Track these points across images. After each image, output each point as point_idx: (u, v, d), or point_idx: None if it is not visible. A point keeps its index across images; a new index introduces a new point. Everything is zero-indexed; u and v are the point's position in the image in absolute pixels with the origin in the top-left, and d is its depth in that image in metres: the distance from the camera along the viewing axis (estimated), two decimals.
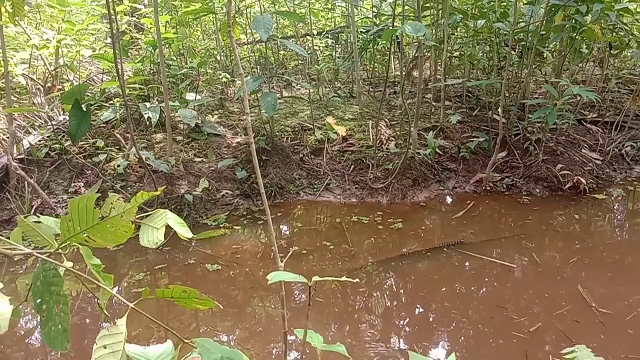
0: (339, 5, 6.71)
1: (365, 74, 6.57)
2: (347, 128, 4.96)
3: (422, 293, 3.03)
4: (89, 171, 4.27)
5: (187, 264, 3.38)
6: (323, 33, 6.88)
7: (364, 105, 5.46)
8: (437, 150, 4.67)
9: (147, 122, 4.63)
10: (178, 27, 5.43)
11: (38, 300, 0.84)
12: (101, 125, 4.77)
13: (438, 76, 5.51)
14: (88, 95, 4.52)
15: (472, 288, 3.03)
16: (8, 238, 0.98)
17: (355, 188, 4.51)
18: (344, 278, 1.32)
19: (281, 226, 4.06)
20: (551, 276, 3.10)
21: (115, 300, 2.54)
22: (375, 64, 6.40)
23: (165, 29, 5.27)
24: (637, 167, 4.95)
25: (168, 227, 1.03)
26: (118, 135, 4.63)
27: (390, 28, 4.15)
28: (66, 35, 4.88)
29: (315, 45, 6.43)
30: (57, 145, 4.40)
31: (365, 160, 4.67)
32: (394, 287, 3.14)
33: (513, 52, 4.92)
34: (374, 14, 5.97)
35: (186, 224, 1.09)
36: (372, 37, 5.49)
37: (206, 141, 4.80)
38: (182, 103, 4.79)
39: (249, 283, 3.13)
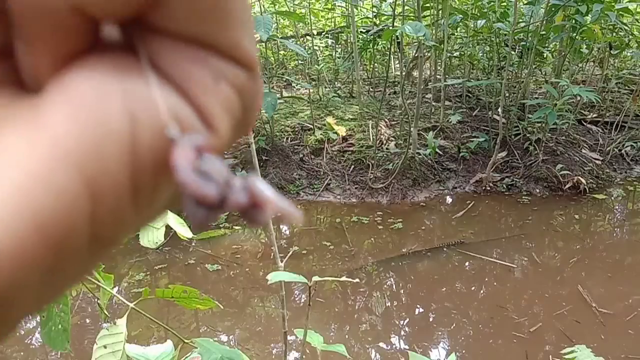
0: (339, 6, 6.71)
1: (365, 74, 6.56)
2: (347, 128, 4.96)
3: (422, 293, 3.03)
4: None
5: (187, 264, 3.38)
6: (323, 33, 6.88)
7: (364, 105, 5.46)
8: (437, 150, 4.66)
9: None
10: None
11: None
12: None
13: (438, 76, 5.51)
14: None
15: (472, 288, 3.03)
16: None
17: (355, 188, 4.51)
18: (344, 278, 1.33)
19: (281, 226, 4.06)
20: (551, 276, 3.10)
21: (115, 300, 2.54)
22: (375, 64, 6.40)
23: None
24: (637, 167, 4.95)
25: (168, 227, 1.03)
26: None
27: (390, 28, 4.15)
28: None
29: (315, 45, 6.43)
30: None
31: (365, 160, 4.67)
32: (394, 287, 3.14)
33: (513, 52, 4.92)
34: (374, 14, 5.97)
35: (186, 224, 1.09)
36: (372, 37, 5.49)
37: None
38: None
39: (249, 283, 3.13)
